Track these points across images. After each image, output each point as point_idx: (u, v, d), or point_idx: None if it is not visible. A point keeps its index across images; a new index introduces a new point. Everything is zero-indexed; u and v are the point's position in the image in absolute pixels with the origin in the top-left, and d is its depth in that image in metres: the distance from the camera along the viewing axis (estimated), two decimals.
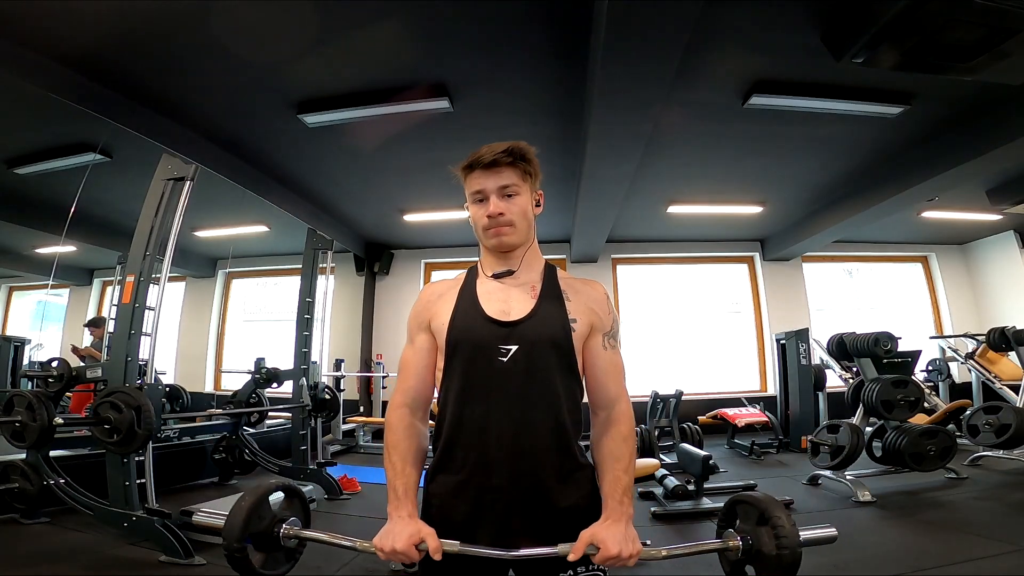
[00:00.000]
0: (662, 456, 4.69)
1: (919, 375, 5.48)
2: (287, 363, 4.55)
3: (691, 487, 3.46)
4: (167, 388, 5.16)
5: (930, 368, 6.52)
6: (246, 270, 8.50)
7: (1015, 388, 4.81)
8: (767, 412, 6.01)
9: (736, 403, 6.33)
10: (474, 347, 1.00)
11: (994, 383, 5.44)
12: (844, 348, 4.65)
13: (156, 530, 2.63)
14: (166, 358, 7.79)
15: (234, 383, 5.78)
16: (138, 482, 2.81)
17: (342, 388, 6.80)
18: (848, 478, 3.76)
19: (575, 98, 3.71)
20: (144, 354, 3.04)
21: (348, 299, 7.69)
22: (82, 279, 8.75)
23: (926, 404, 4.60)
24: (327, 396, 4.66)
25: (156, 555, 2.60)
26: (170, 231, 3.11)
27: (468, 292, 1.06)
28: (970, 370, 5.92)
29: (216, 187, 4.67)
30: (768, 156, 4.88)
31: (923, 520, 3.17)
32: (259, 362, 4.66)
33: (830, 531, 0.96)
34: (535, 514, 0.96)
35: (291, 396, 4.37)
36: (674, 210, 6.32)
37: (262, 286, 8.66)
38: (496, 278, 1.07)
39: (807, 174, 5.34)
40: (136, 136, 3.83)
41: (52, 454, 3.10)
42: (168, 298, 3.38)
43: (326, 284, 4.87)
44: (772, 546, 0.90)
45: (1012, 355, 5.22)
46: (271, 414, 5.13)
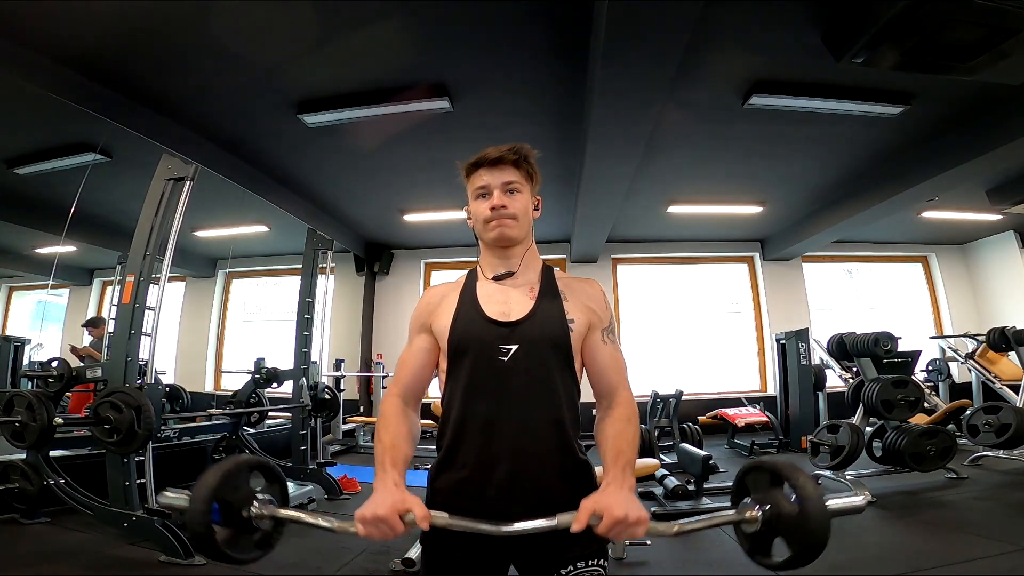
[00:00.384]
0: (662, 456, 4.68)
1: (919, 375, 5.48)
2: (287, 363, 4.55)
3: (691, 487, 3.46)
4: (167, 388, 5.15)
5: (930, 368, 6.52)
6: (246, 270, 8.50)
7: (1015, 388, 4.81)
8: (767, 412, 6.01)
9: (736, 403, 6.34)
10: (476, 348, 1.01)
11: (994, 383, 5.44)
12: (844, 348, 4.65)
13: (156, 530, 2.63)
14: (166, 358, 7.79)
15: (234, 383, 5.78)
16: (138, 482, 2.81)
17: (342, 388, 6.80)
18: (848, 478, 3.75)
19: (575, 98, 3.71)
20: (144, 354, 3.04)
21: (348, 299, 7.69)
22: (82, 279, 8.75)
23: (926, 404, 4.60)
24: (327, 396, 4.66)
25: (156, 555, 2.61)
26: (170, 231, 3.11)
27: (468, 295, 1.08)
28: (970, 370, 5.92)
29: (216, 187, 4.67)
30: (768, 156, 4.88)
31: (923, 520, 3.16)
32: (259, 362, 4.66)
33: (858, 499, 0.85)
34: (536, 510, 0.96)
35: (291, 396, 4.37)
36: (674, 210, 6.32)
37: (262, 286, 8.66)
38: (496, 280, 1.09)
39: (807, 174, 5.35)
40: (136, 136, 3.83)
41: (52, 454, 3.10)
42: (168, 298, 3.38)
43: (326, 284, 4.87)
44: (795, 513, 0.80)
45: (1012, 355, 5.22)
46: (271, 414, 5.13)
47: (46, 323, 8.70)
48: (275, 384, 4.64)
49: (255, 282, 8.68)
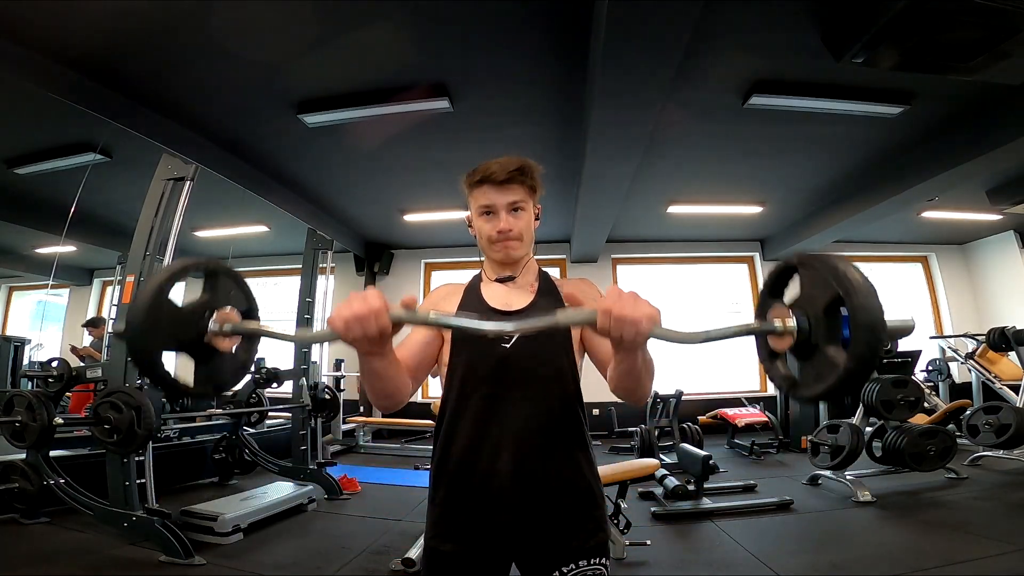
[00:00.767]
0: (662, 456, 4.69)
1: (919, 375, 5.48)
2: (287, 363, 4.55)
3: (691, 487, 3.46)
4: None
5: (930, 368, 6.51)
6: (246, 270, 8.46)
7: (1015, 388, 4.80)
8: (767, 412, 6.01)
9: (736, 403, 6.34)
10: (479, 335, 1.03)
11: (994, 383, 5.43)
12: None
13: (156, 530, 2.64)
14: (166, 358, 7.76)
15: None
16: (138, 482, 2.81)
17: (342, 388, 6.79)
18: (848, 478, 3.76)
19: (575, 98, 3.71)
20: None
21: None
22: (82, 279, 8.74)
23: (926, 404, 4.60)
24: (327, 396, 4.67)
25: (156, 555, 2.61)
26: (170, 231, 3.11)
27: (473, 291, 1.16)
28: (970, 370, 5.91)
29: (216, 187, 4.67)
30: (768, 156, 4.87)
31: (923, 520, 3.16)
32: (259, 362, 4.65)
33: (907, 318, 0.72)
34: (541, 488, 0.99)
35: (291, 396, 4.37)
36: (674, 210, 6.32)
37: (262, 286, 8.65)
38: (499, 281, 1.15)
39: (807, 174, 5.34)
40: (136, 136, 3.82)
41: (52, 454, 3.09)
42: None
43: (326, 284, 4.88)
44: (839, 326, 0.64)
45: (1012, 355, 5.21)
46: (271, 414, 5.13)
47: (46, 323, 8.68)
48: (275, 384, 4.63)
49: (255, 282, 8.49)
